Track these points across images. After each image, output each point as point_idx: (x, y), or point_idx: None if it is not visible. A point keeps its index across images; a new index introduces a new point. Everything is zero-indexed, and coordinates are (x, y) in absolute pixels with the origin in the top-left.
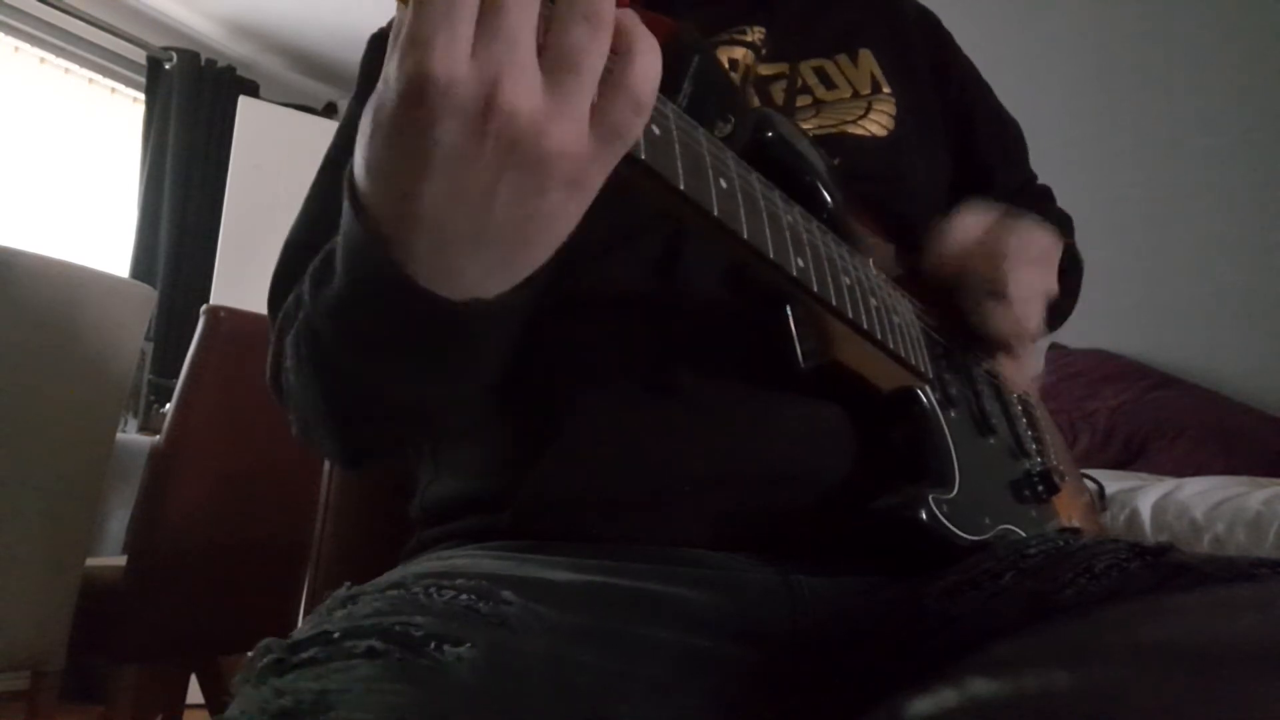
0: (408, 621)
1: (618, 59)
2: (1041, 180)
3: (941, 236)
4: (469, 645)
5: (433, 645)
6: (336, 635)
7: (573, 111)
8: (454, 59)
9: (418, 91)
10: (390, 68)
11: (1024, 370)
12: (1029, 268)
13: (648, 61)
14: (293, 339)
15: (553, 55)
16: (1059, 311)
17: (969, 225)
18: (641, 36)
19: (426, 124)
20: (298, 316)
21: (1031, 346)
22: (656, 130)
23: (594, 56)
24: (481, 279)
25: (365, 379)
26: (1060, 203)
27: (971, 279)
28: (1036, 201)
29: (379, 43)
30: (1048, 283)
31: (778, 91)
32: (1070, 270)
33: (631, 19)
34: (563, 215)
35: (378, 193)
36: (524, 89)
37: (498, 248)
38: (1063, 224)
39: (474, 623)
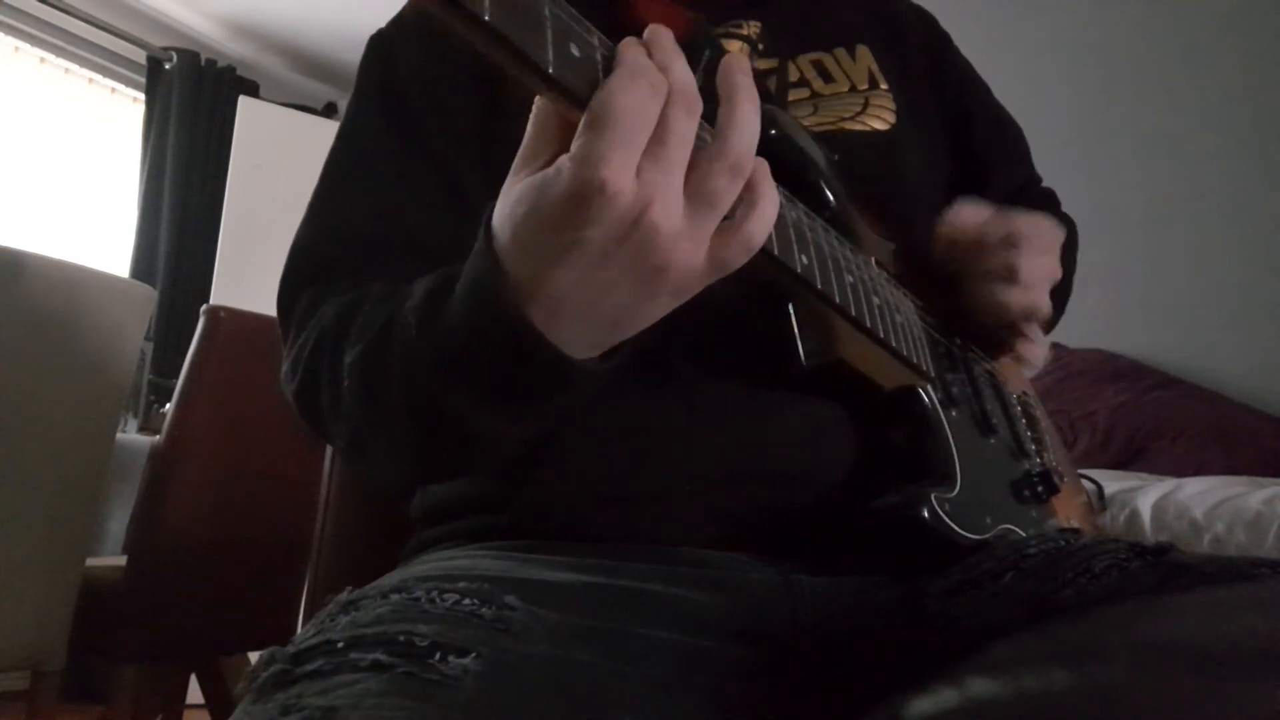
0: (411, 630)
1: (742, 205)
2: (1042, 180)
3: (948, 224)
4: (473, 655)
5: (437, 656)
6: (340, 645)
7: (699, 239)
8: (626, 176)
9: (587, 195)
10: (566, 164)
11: (1036, 356)
12: (1038, 254)
13: (768, 216)
14: (360, 361)
15: (697, 192)
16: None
17: (974, 212)
18: (767, 191)
19: (584, 224)
20: (353, 336)
21: (1041, 331)
22: None
23: (729, 199)
24: (575, 349)
25: (454, 411)
26: (1061, 202)
27: (984, 264)
28: (1038, 204)
29: (379, 45)
30: (1054, 270)
31: (773, 85)
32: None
33: (765, 170)
34: (658, 313)
35: (517, 261)
36: (670, 212)
37: (600, 329)
38: (1066, 228)
39: (477, 629)
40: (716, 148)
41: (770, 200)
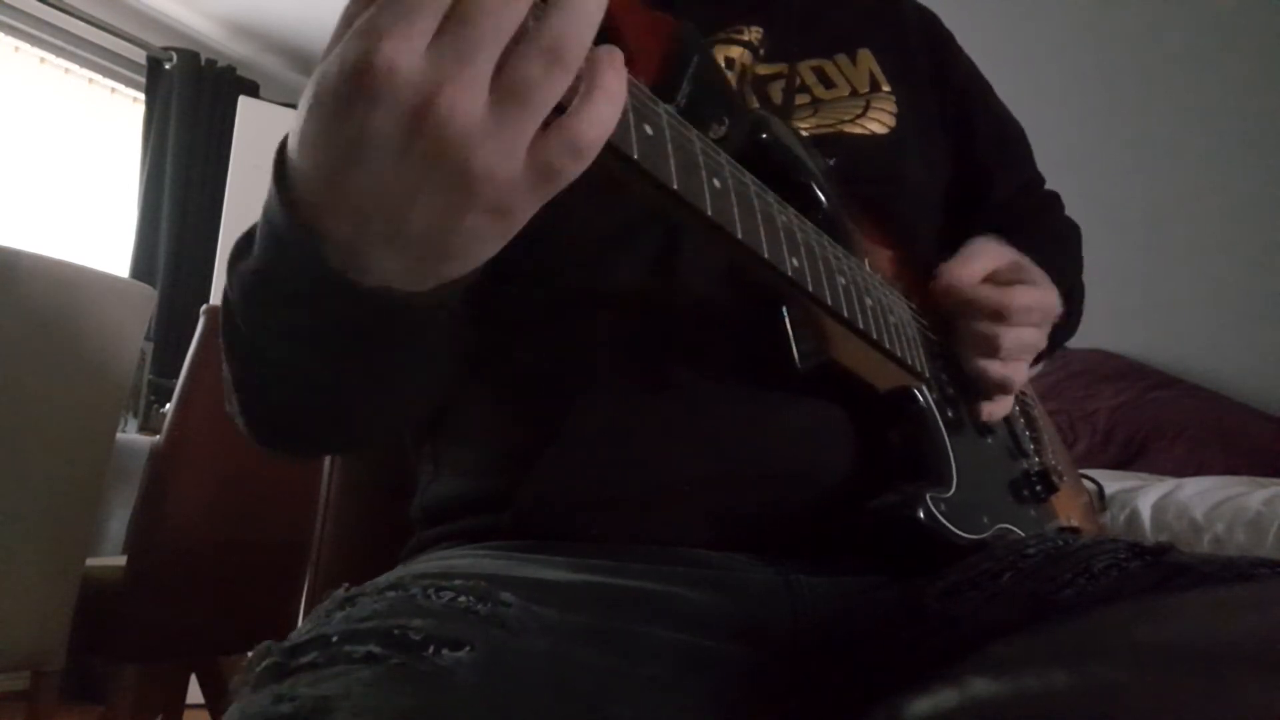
0: (406, 624)
1: (575, 98)
2: (1045, 182)
3: (950, 272)
4: (468, 648)
5: (431, 649)
6: (335, 639)
7: (509, 140)
8: (405, 52)
9: (360, 73)
10: (340, 46)
11: (991, 416)
12: (1028, 330)
13: (601, 112)
14: (224, 324)
15: (504, 81)
16: (1058, 339)
17: (976, 269)
18: (607, 85)
19: (362, 106)
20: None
21: (1009, 399)
22: (649, 130)
23: (545, 93)
24: (394, 278)
25: (271, 351)
26: (1064, 205)
27: (971, 328)
28: (1041, 209)
29: None
30: (1039, 343)
31: (776, 91)
32: (1073, 295)
33: (611, 60)
34: (485, 238)
35: (305, 169)
36: (465, 101)
37: (413, 252)
38: (1071, 234)
39: (473, 624)
40: (535, 29)
41: (609, 95)
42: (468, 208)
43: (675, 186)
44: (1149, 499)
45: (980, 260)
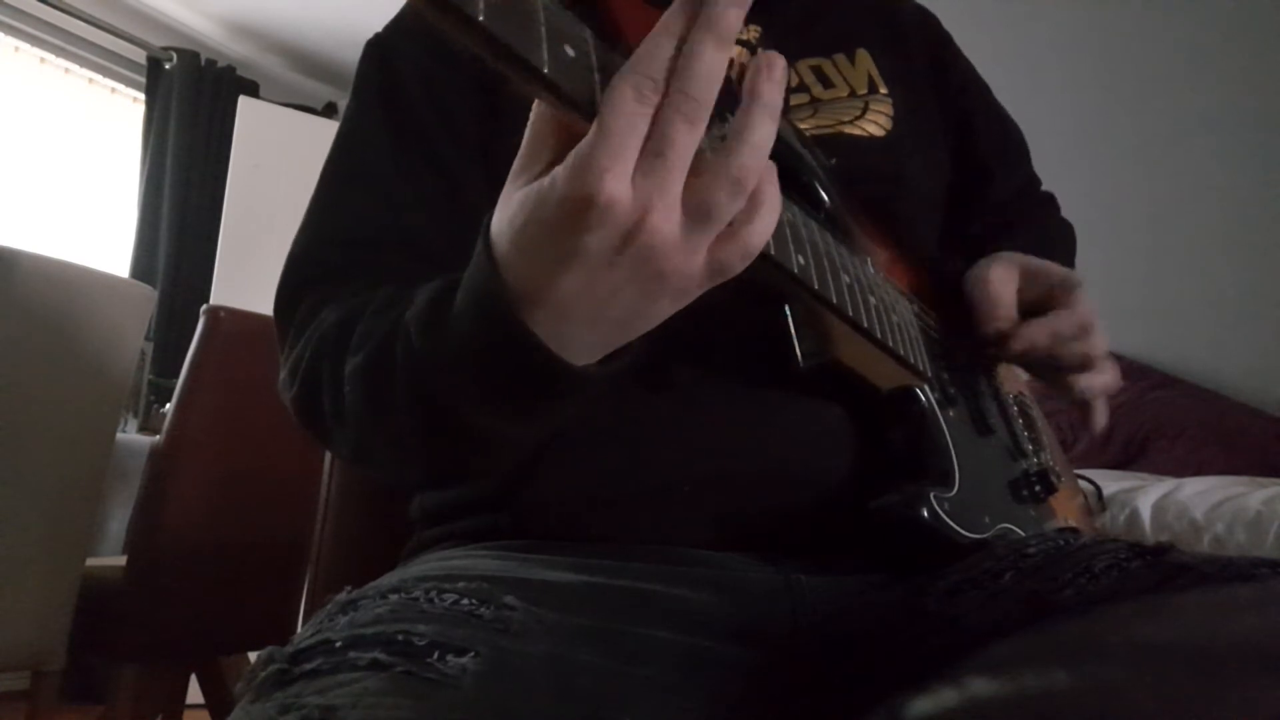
0: (410, 630)
1: (744, 213)
2: (1042, 180)
3: (989, 298)
4: (472, 654)
5: (436, 655)
6: (339, 645)
7: (699, 247)
8: (621, 186)
9: (585, 205)
10: (561, 175)
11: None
12: (1098, 331)
13: (768, 224)
14: (364, 370)
15: (696, 202)
16: None
17: (1013, 290)
18: (769, 199)
19: (582, 231)
20: (354, 343)
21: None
22: None
23: (729, 213)
24: (581, 355)
25: (465, 418)
26: (1060, 203)
27: (1061, 358)
28: (1038, 209)
29: (374, 50)
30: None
31: None
32: None
33: (770, 176)
34: (661, 316)
35: (519, 269)
36: (666, 222)
37: (604, 334)
38: (1065, 235)
39: (476, 628)
40: (720, 161)
41: (771, 208)
42: (659, 298)
43: None
44: (1149, 499)
45: (999, 280)
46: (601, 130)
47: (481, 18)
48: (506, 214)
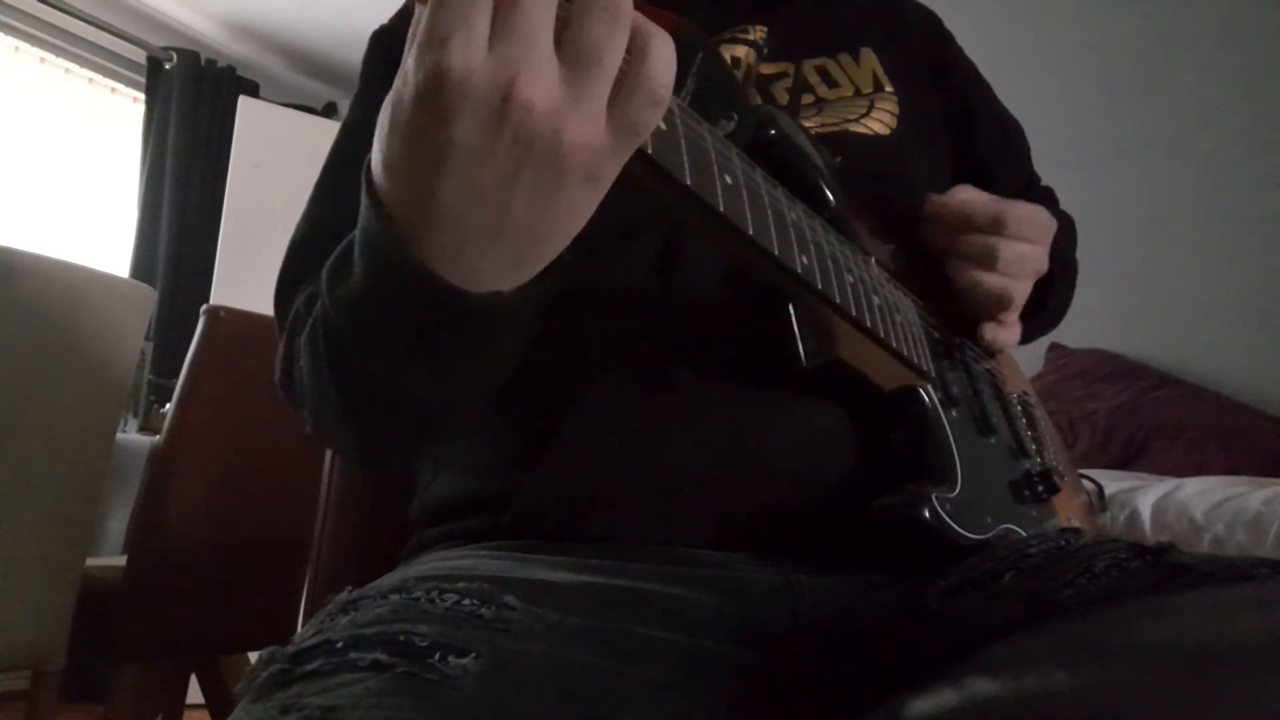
0: (411, 630)
1: (633, 55)
2: (1042, 180)
3: (938, 199)
4: (473, 655)
5: (437, 656)
6: (340, 645)
7: (591, 105)
8: (471, 55)
9: (435, 88)
10: (408, 64)
11: (1002, 341)
12: (1022, 244)
13: (664, 56)
14: (307, 337)
15: (571, 50)
16: (1051, 315)
17: (968, 194)
18: (656, 32)
19: (444, 120)
20: (310, 315)
21: (1014, 317)
22: (663, 125)
23: (613, 51)
24: (499, 274)
25: (384, 375)
26: (1061, 202)
27: (965, 244)
28: (1040, 203)
29: (381, 41)
30: (1039, 261)
31: (780, 90)
32: (1065, 274)
33: (642, 15)
34: (579, 209)
35: (395, 190)
36: (541, 83)
37: (515, 243)
38: (1066, 226)
39: (477, 629)
40: None
41: (662, 39)
42: (563, 184)
43: (688, 183)
44: (1149, 499)
45: (968, 191)
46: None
47: None
48: (377, 140)
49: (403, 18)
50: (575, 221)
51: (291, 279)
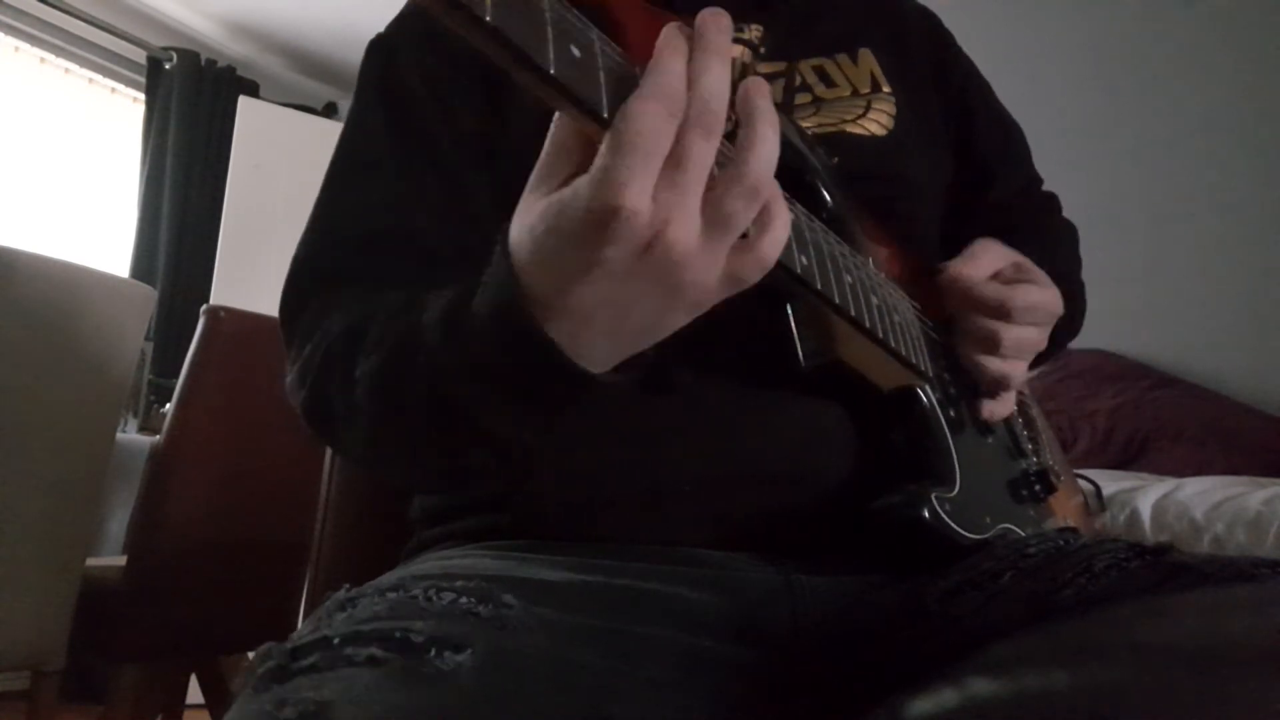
0: (408, 626)
1: (758, 225)
2: (1042, 180)
3: (954, 269)
4: (469, 651)
5: (433, 651)
6: (336, 641)
7: (717, 258)
8: (642, 199)
9: (606, 218)
10: (585, 187)
11: (992, 416)
12: (1029, 329)
13: (781, 237)
14: (379, 371)
15: (713, 212)
16: (1059, 341)
17: (982, 264)
18: (781, 212)
19: (604, 242)
20: (362, 357)
21: (1012, 396)
22: None
23: (745, 221)
24: (598, 361)
25: (485, 423)
26: (1061, 202)
27: (973, 323)
28: (1040, 211)
29: (379, 48)
30: (1040, 343)
31: (776, 90)
32: (1074, 298)
33: (777, 191)
34: (677, 325)
35: (538, 278)
36: (686, 231)
37: (621, 342)
38: (1068, 237)
39: (474, 626)
40: (734, 172)
41: (783, 221)
42: (675, 309)
43: None
44: (1149, 499)
45: (985, 259)
46: (625, 144)
47: (489, 17)
48: (527, 223)
49: (400, 25)
50: (669, 332)
51: (302, 290)
